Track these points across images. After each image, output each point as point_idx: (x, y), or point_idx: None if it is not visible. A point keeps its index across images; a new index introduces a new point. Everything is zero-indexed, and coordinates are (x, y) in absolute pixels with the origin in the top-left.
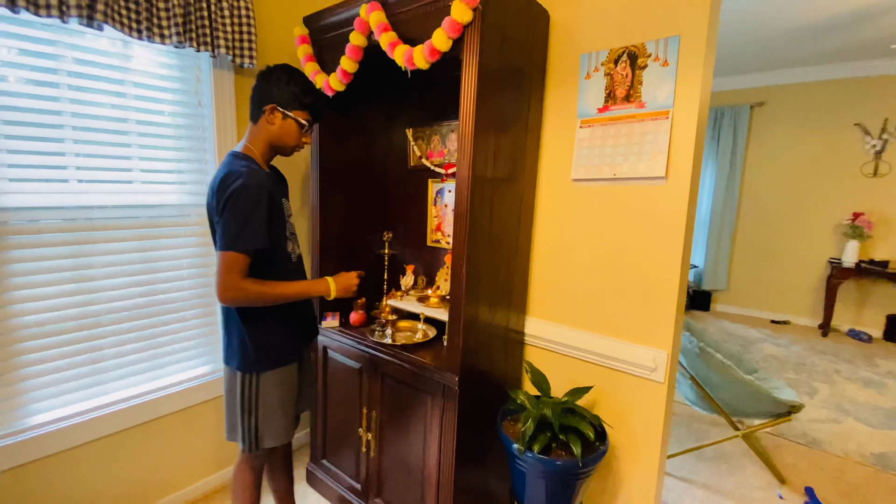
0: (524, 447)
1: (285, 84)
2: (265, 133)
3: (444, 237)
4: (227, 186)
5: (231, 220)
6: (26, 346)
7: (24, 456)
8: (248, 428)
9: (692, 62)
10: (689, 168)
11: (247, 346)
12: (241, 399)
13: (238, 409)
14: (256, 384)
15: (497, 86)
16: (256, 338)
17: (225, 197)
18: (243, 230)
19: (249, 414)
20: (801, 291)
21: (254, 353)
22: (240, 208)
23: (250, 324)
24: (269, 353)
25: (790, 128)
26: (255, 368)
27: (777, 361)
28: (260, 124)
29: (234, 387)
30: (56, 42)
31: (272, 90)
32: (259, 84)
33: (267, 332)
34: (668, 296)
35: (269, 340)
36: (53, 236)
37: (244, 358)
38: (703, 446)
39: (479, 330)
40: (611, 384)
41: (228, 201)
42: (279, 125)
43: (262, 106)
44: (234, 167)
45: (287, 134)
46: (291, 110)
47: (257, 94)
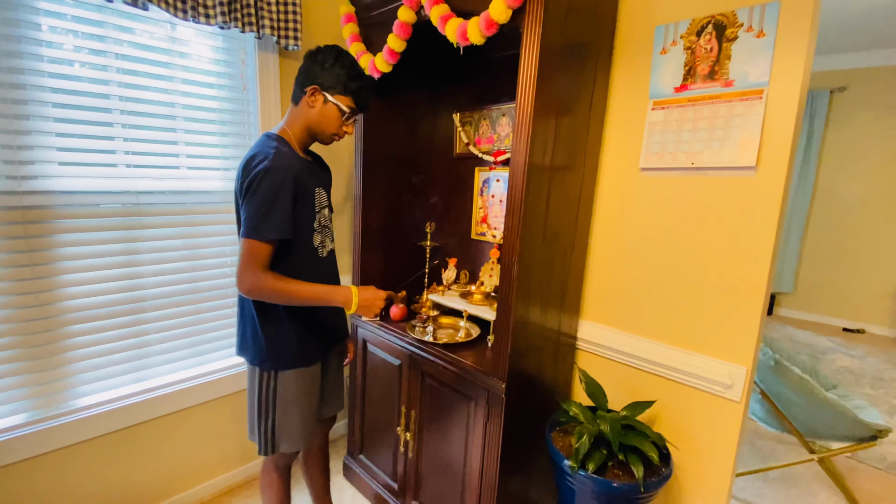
0: (577, 465)
1: (331, 65)
2: (304, 116)
3: (491, 230)
4: (253, 168)
5: (254, 205)
6: (74, 330)
7: (71, 437)
8: (264, 430)
9: (795, 32)
10: (786, 158)
11: (260, 339)
12: (258, 398)
13: (255, 408)
14: (274, 382)
15: (560, 63)
16: (272, 333)
17: (248, 179)
18: (266, 217)
19: (266, 414)
20: (879, 297)
21: (270, 349)
22: (263, 192)
23: (265, 317)
24: (288, 351)
25: (875, 115)
26: (274, 366)
27: (852, 375)
28: (300, 106)
29: (252, 382)
30: (104, 23)
31: (317, 70)
32: (305, 64)
33: (284, 329)
34: (752, 305)
35: (288, 338)
36: (102, 221)
37: (259, 353)
38: (772, 468)
39: (529, 332)
40: (675, 399)
41: (252, 184)
42: (319, 109)
43: (305, 86)
44: (262, 148)
45: (327, 119)
46: (334, 94)
47: (301, 74)
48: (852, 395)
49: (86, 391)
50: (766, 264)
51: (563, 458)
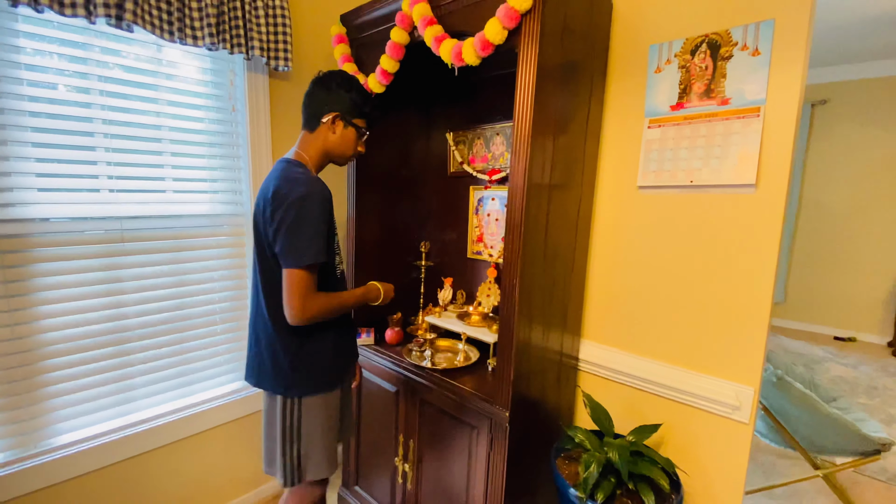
0: (586, 496)
1: (346, 92)
2: (322, 142)
3: (487, 249)
4: (289, 195)
5: (293, 234)
6: (53, 363)
7: (50, 477)
8: (290, 459)
9: (790, 49)
10: (786, 175)
11: (283, 367)
12: (281, 427)
13: (278, 438)
14: (299, 410)
15: (556, 82)
16: (300, 359)
17: (284, 206)
18: (311, 243)
19: (291, 443)
20: (869, 305)
21: (295, 376)
22: (305, 219)
23: (296, 343)
24: (314, 376)
25: (856, 127)
26: (298, 392)
27: (847, 384)
28: (318, 133)
29: (272, 413)
30: (86, 45)
31: (333, 99)
32: (317, 92)
33: (312, 353)
34: (757, 323)
35: (315, 362)
36: (83, 248)
37: (282, 380)
38: (776, 486)
39: (532, 355)
40: (681, 421)
41: (289, 211)
42: (340, 134)
43: (323, 114)
44: (293, 174)
45: (346, 143)
46: (353, 119)
47: (315, 102)
48: (852, 407)
49: (66, 428)
50: (770, 281)
51: (569, 486)
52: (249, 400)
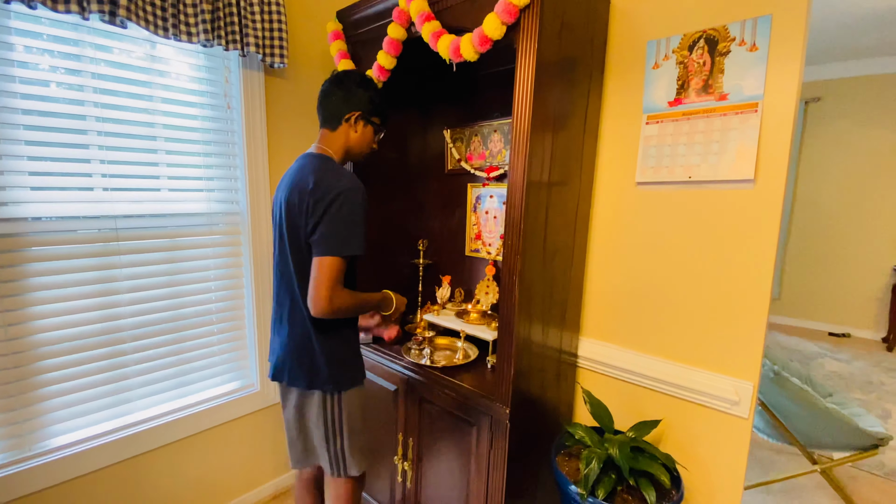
0: (587, 492)
1: (365, 91)
2: (344, 140)
3: (485, 246)
4: (333, 187)
5: (339, 223)
6: (47, 364)
7: (46, 480)
8: (334, 452)
9: (788, 44)
10: (783, 170)
11: (319, 362)
12: (325, 423)
13: (320, 431)
14: (339, 404)
15: (554, 78)
16: (334, 353)
17: (331, 198)
18: (352, 235)
19: (335, 437)
20: (863, 301)
21: (333, 371)
22: (349, 211)
23: (326, 338)
24: (350, 370)
25: (849, 125)
26: (338, 387)
27: (842, 380)
28: (340, 132)
29: (308, 410)
30: (80, 42)
31: (354, 98)
32: (336, 91)
33: (347, 347)
34: (755, 319)
35: (350, 356)
36: (77, 248)
37: (322, 376)
38: (775, 480)
39: (532, 353)
40: (680, 417)
41: (335, 203)
42: (361, 132)
43: (345, 113)
44: (333, 167)
45: (366, 140)
46: (372, 117)
47: (335, 101)
48: (849, 402)
49: (61, 430)
50: (768, 276)
51: (570, 483)
52: (246, 400)
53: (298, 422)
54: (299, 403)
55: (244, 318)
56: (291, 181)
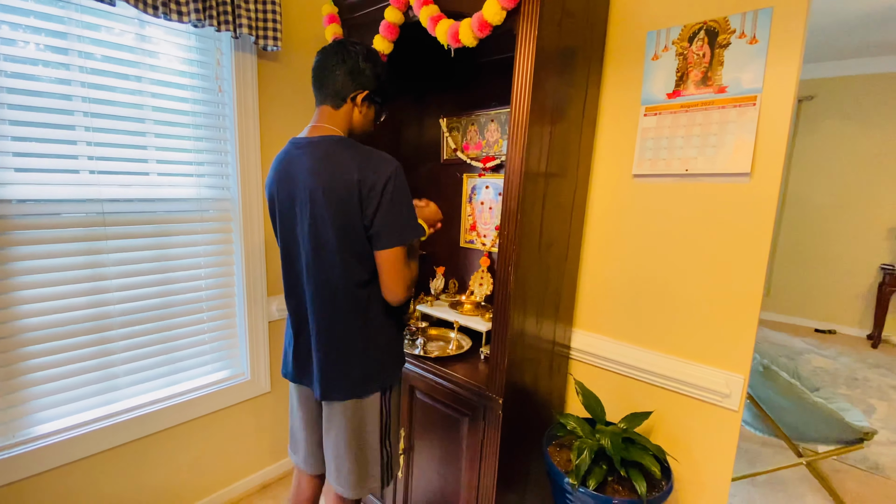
0: (578, 482)
1: (373, 67)
2: (348, 120)
3: (480, 237)
4: (381, 173)
5: (397, 211)
6: (32, 350)
7: (29, 468)
8: (386, 460)
9: (788, 38)
10: (780, 165)
11: (374, 361)
12: (380, 425)
13: (378, 439)
14: (389, 403)
15: (554, 67)
16: (388, 346)
17: (382, 186)
18: (411, 218)
19: (387, 439)
20: (849, 299)
21: (386, 365)
22: (402, 195)
23: (382, 333)
24: (397, 359)
25: (841, 124)
26: (390, 382)
27: (828, 375)
28: (343, 111)
29: (365, 418)
30: (67, 20)
31: (362, 75)
32: (339, 64)
33: (392, 337)
34: (748, 313)
35: (397, 345)
36: (63, 231)
37: (376, 376)
38: (760, 473)
39: (525, 344)
40: (670, 409)
41: (387, 190)
42: (365, 113)
43: (351, 92)
44: (364, 150)
45: (368, 120)
46: (376, 97)
47: (340, 77)
48: (835, 397)
49: (46, 417)
50: (761, 270)
51: (562, 474)
52: (236, 389)
53: (358, 439)
54: (336, 415)
55: (234, 307)
56: (321, 173)
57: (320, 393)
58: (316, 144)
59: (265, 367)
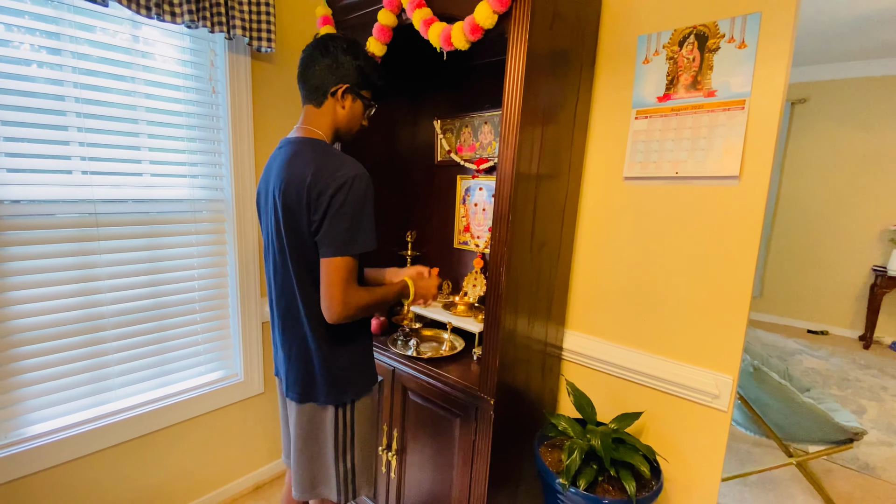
0: (568, 482)
1: (354, 59)
2: (331, 117)
3: (473, 239)
4: (335, 177)
5: (345, 219)
6: (24, 351)
7: (21, 469)
8: (343, 474)
9: (776, 43)
10: (768, 168)
11: (333, 370)
12: (334, 439)
13: (330, 451)
14: (352, 416)
15: (545, 70)
16: (353, 357)
17: (333, 190)
18: (361, 230)
19: (344, 455)
20: (841, 300)
21: (348, 377)
22: (354, 204)
23: (336, 343)
24: (365, 374)
25: (833, 126)
26: (352, 395)
27: (819, 376)
28: (326, 108)
29: (317, 426)
30: (60, 21)
31: (341, 68)
32: (320, 60)
33: (362, 350)
34: (737, 315)
35: (363, 358)
36: (55, 232)
37: (333, 386)
38: (751, 473)
39: (517, 345)
40: (661, 409)
41: (338, 195)
42: (349, 108)
43: (331, 86)
44: (332, 153)
45: (355, 117)
46: (361, 90)
47: (319, 72)
48: (826, 397)
49: (38, 418)
50: (750, 272)
51: (553, 474)
52: (230, 390)
53: (305, 442)
54: (306, 421)
55: (228, 308)
56: (283, 174)
57: (285, 389)
58: (290, 144)
59: (258, 368)
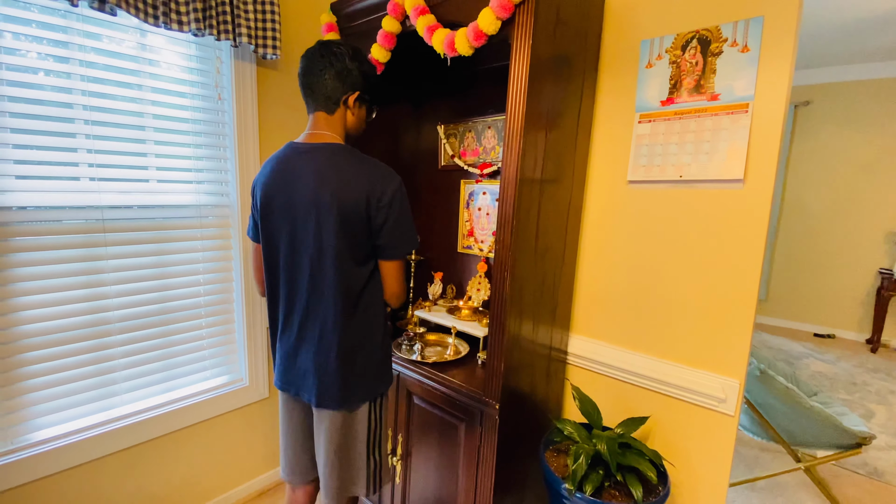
0: (575, 487)
1: (360, 66)
2: (343, 124)
3: (477, 243)
4: (388, 185)
5: (403, 226)
6: (31, 356)
7: (27, 474)
8: (374, 466)
9: (779, 46)
10: (772, 171)
11: (369, 368)
12: (368, 434)
13: (364, 448)
14: (381, 409)
15: (548, 75)
16: (382, 352)
17: (389, 199)
18: (413, 232)
19: (375, 449)
20: (848, 303)
21: (379, 371)
22: (406, 209)
23: (382, 334)
24: (389, 364)
25: (838, 129)
26: (384, 388)
27: (827, 380)
28: (338, 115)
29: (356, 427)
30: (68, 29)
31: (350, 76)
32: (327, 67)
33: (389, 340)
34: (743, 318)
35: (387, 350)
36: (62, 238)
37: (371, 383)
38: (759, 478)
39: (522, 349)
40: (667, 414)
41: (394, 204)
42: (358, 114)
43: (342, 95)
44: (367, 160)
45: (361, 121)
46: (367, 94)
47: (329, 81)
48: (833, 401)
49: (44, 423)
50: (756, 275)
51: (559, 480)
52: (235, 395)
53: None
54: (337, 425)
55: (233, 312)
56: (327, 180)
57: (316, 399)
58: (320, 151)
59: (263, 373)
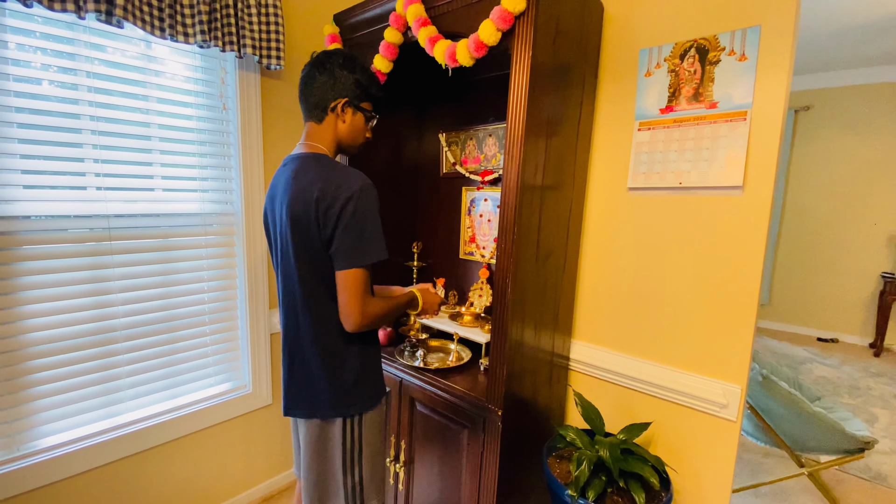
0: (577, 494)
1: (351, 73)
2: (332, 132)
3: (479, 249)
4: (341, 190)
5: (355, 232)
6: (36, 364)
7: (32, 482)
8: (352, 487)
9: (776, 55)
10: (771, 176)
11: (341, 384)
12: (342, 451)
13: (339, 465)
14: (360, 428)
15: (549, 84)
16: (361, 371)
17: (341, 204)
18: (371, 240)
19: (353, 469)
20: (851, 307)
21: (356, 391)
22: (363, 215)
23: (356, 355)
24: (374, 387)
25: (838, 133)
26: (359, 409)
27: (830, 384)
28: (327, 124)
29: (325, 440)
30: (75, 41)
31: (338, 83)
32: (318, 76)
33: (370, 363)
34: (744, 323)
35: (373, 371)
36: (69, 247)
37: (340, 399)
38: (762, 484)
39: (524, 355)
40: (669, 419)
41: (347, 208)
42: (350, 122)
43: (330, 102)
44: (337, 166)
45: (357, 130)
46: (361, 103)
47: (318, 89)
48: (836, 406)
49: (50, 430)
50: (756, 280)
51: (562, 486)
52: (239, 401)
53: (315, 458)
54: (315, 437)
55: (237, 319)
56: (290, 191)
57: (284, 407)
58: (294, 161)
59: (267, 380)
